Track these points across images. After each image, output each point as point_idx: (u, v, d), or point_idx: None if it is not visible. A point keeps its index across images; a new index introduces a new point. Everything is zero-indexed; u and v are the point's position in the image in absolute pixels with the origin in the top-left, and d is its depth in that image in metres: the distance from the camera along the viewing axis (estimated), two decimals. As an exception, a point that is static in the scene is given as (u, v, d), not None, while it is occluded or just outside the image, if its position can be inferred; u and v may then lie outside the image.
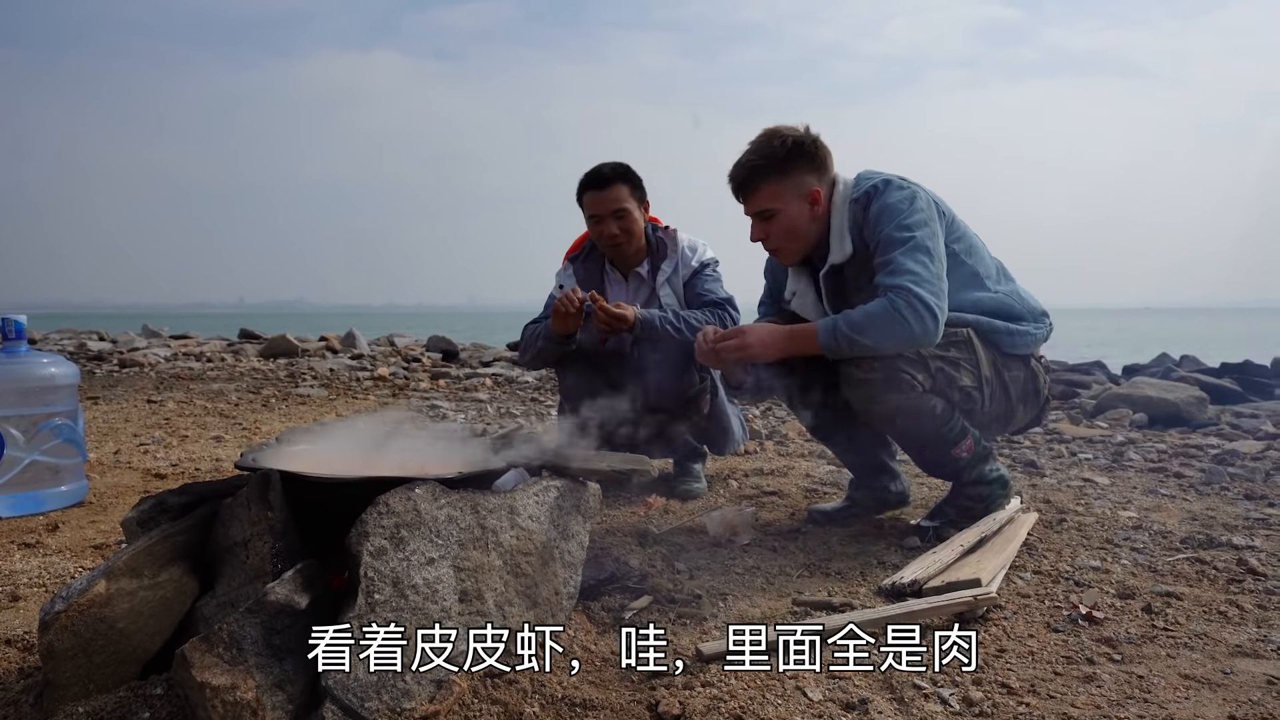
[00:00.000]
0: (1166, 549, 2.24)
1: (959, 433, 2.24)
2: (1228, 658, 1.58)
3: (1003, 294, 2.30)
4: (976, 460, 2.30)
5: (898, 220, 2.13)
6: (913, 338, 2.07)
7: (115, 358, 8.87)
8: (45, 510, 2.64)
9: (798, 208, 2.24)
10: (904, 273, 2.08)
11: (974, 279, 2.26)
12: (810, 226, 2.26)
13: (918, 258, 2.09)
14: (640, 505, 2.73)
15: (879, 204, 2.17)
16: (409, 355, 9.76)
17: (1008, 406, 2.32)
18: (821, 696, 1.41)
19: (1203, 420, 4.54)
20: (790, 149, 2.20)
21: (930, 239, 2.13)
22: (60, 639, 1.30)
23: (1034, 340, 2.32)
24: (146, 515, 1.50)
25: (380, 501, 1.35)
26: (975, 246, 2.29)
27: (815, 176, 2.24)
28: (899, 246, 2.10)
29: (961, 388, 2.21)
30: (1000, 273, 2.35)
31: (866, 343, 2.09)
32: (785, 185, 2.22)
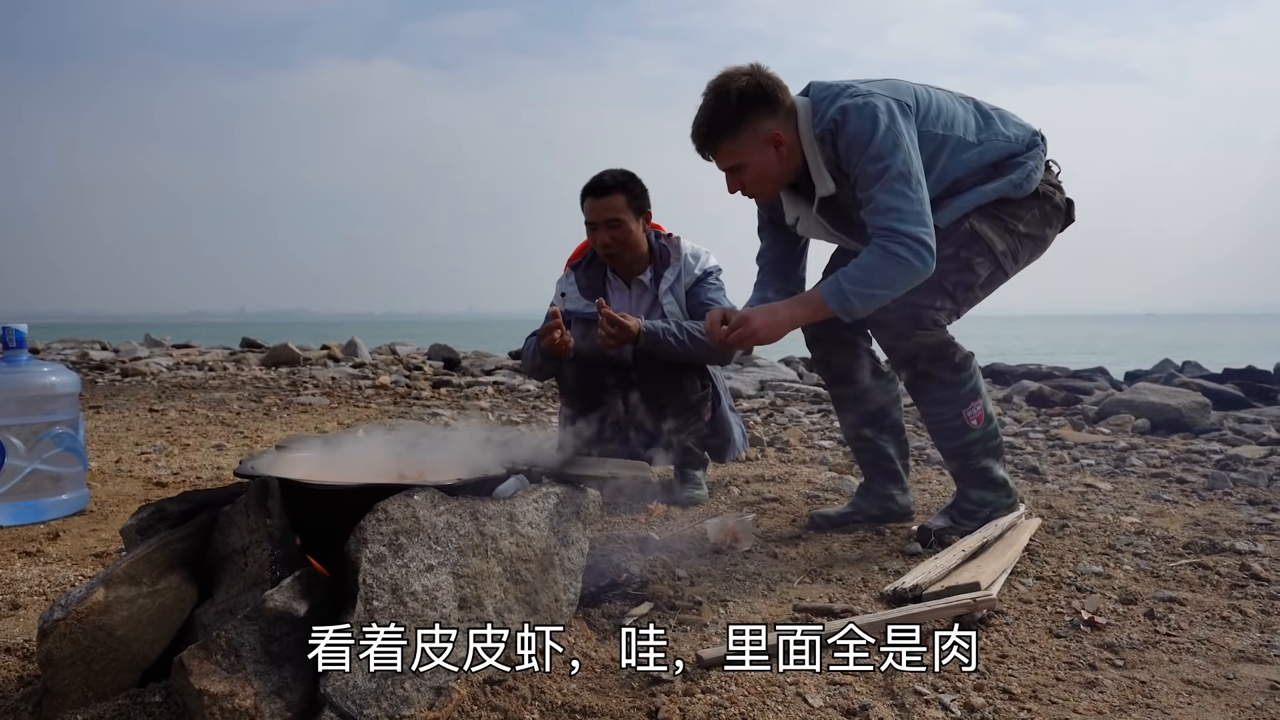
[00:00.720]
0: (1169, 554, 2.23)
1: (972, 390, 2.29)
2: (1231, 663, 1.58)
3: (986, 142, 2.28)
4: (987, 442, 2.31)
5: (867, 151, 2.11)
6: (915, 273, 2.11)
7: (117, 367, 8.88)
8: (46, 519, 2.64)
9: (762, 154, 2.22)
10: (886, 211, 2.09)
11: (959, 145, 2.25)
12: (780, 167, 2.25)
13: (896, 189, 2.09)
14: (641, 512, 2.72)
15: (845, 138, 2.14)
16: (411, 363, 9.76)
17: (1039, 243, 2.36)
18: (822, 702, 1.41)
19: (1205, 426, 4.53)
20: (738, 102, 2.17)
21: (904, 161, 2.11)
22: (59, 647, 1.30)
23: (1034, 172, 2.30)
24: (145, 523, 1.50)
25: (379, 508, 1.35)
26: (948, 111, 2.27)
27: (771, 119, 2.20)
28: (875, 182, 2.10)
29: (984, 280, 2.29)
30: (978, 118, 2.32)
31: (877, 294, 2.12)
32: (742, 138, 2.19)
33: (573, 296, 2.98)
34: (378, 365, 9.67)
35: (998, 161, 2.29)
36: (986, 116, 2.33)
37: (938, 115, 2.24)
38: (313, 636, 1.25)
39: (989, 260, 2.28)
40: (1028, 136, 2.34)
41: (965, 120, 2.29)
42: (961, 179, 2.26)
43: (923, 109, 2.23)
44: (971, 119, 2.31)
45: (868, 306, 2.15)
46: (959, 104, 2.32)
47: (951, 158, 2.25)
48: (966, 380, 2.29)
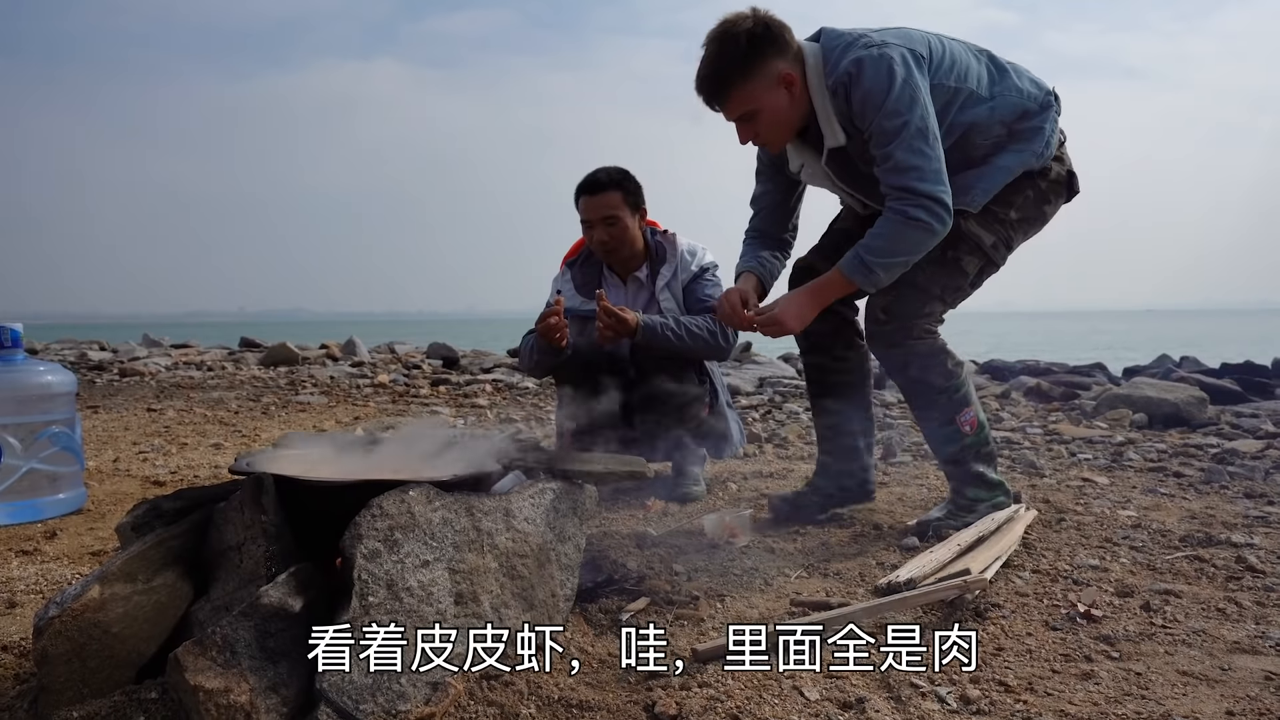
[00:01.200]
0: (1165, 547, 2.24)
1: (963, 397, 2.28)
2: (1226, 654, 1.58)
3: (999, 95, 2.21)
4: (979, 448, 2.31)
5: (884, 107, 2.06)
6: (935, 236, 2.10)
7: (116, 367, 8.87)
8: (43, 518, 2.63)
9: (775, 97, 2.15)
10: (906, 169, 2.05)
11: (971, 99, 2.19)
12: (793, 110, 2.19)
13: (915, 146, 2.05)
14: (639, 508, 2.72)
15: (860, 91, 2.08)
16: (409, 362, 9.76)
17: (1032, 225, 2.32)
18: (819, 696, 1.41)
19: (1202, 420, 4.54)
20: (747, 44, 2.11)
21: (920, 117, 2.06)
22: (54, 644, 1.30)
23: (1052, 137, 2.25)
24: (141, 520, 1.50)
25: (374, 504, 1.35)
26: (960, 63, 2.21)
27: (781, 59, 2.14)
28: (893, 139, 2.06)
29: (975, 276, 2.27)
30: (991, 70, 2.25)
31: (899, 260, 2.11)
32: (755, 81, 2.13)
33: (569, 294, 2.98)
34: (376, 364, 9.66)
35: (1010, 120, 2.21)
36: (1001, 70, 2.26)
37: (951, 66, 2.18)
38: (310, 634, 1.25)
39: (978, 257, 2.26)
40: (1042, 95, 2.26)
41: (979, 73, 2.22)
42: (972, 136, 2.19)
43: (935, 60, 2.16)
44: (985, 71, 2.24)
45: (892, 275, 2.14)
46: (972, 56, 2.25)
47: (962, 110, 2.18)
48: (958, 387, 2.29)
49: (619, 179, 2.85)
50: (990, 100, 2.20)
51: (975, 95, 2.19)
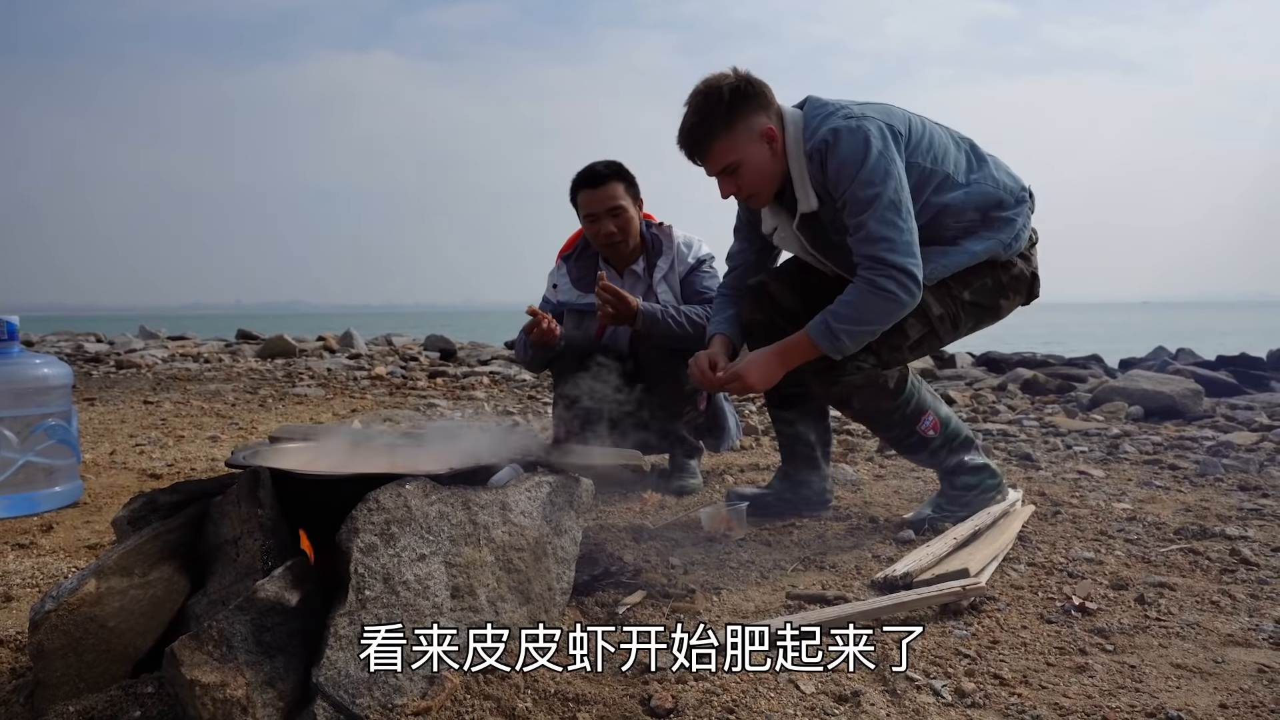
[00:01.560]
0: (1160, 540, 2.24)
1: (916, 408, 2.28)
2: (1219, 647, 1.59)
3: (976, 183, 2.23)
4: (951, 443, 2.32)
5: (858, 177, 2.08)
6: (903, 307, 2.10)
7: (112, 359, 8.86)
8: (39, 511, 2.63)
9: (757, 151, 2.19)
10: (878, 240, 2.07)
11: (945, 182, 2.21)
12: (775, 165, 2.21)
13: (887, 218, 2.07)
14: (635, 501, 2.73)
15: (836, 160, 2.11)
16: (407, 354, 9.75)
17: (985, 311, 2.31)
18: (814, 689, 1.41)
19: (1198, 413, 4.55)
20: (730, 97, 2.15)
21: (894, 190, 2.08)
22: (50, 638, 1.30)
23: (1023, 231, 2.27)
24: (137, 514, 1.49)
25: (370, 498, 1.35)
26: (939, 146, 2.22)
27: (763, 115, 2.18)
28: (867, 208, 2.07)
29: (914, 342, 2.24)
30: (971, 159, 2.28)
31: (866, 329, 2.11)
32: (737, 134, 2.16)
33: (565, 288, 2.97)
34: (374, 356, 9.66)
35: (984, 207, 2.23)
36: (980, 159, 2.30)
37: (929, 148, 2.20)
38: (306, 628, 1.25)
39: (922, 324, 2.22)
40: (1018, 189, 2.29)
41: (956, 158, 2.25)
42: (944, 219, 2.21)
43: (914, 139, 2.19)
44: (963, 158, 2.27)
45: (858, 343, 2.14)
46: (953, 141, 2.28)
47: (937, 192, 2.20)
48: (908, 400, 2.28)
49: (618, 169, 2.85)
50: (966, 186, 2.23)
51: (951, 179, 2.22)
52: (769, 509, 2.51)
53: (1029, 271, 2.35)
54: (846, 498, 2.74)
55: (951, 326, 2.28)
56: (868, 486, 2.91)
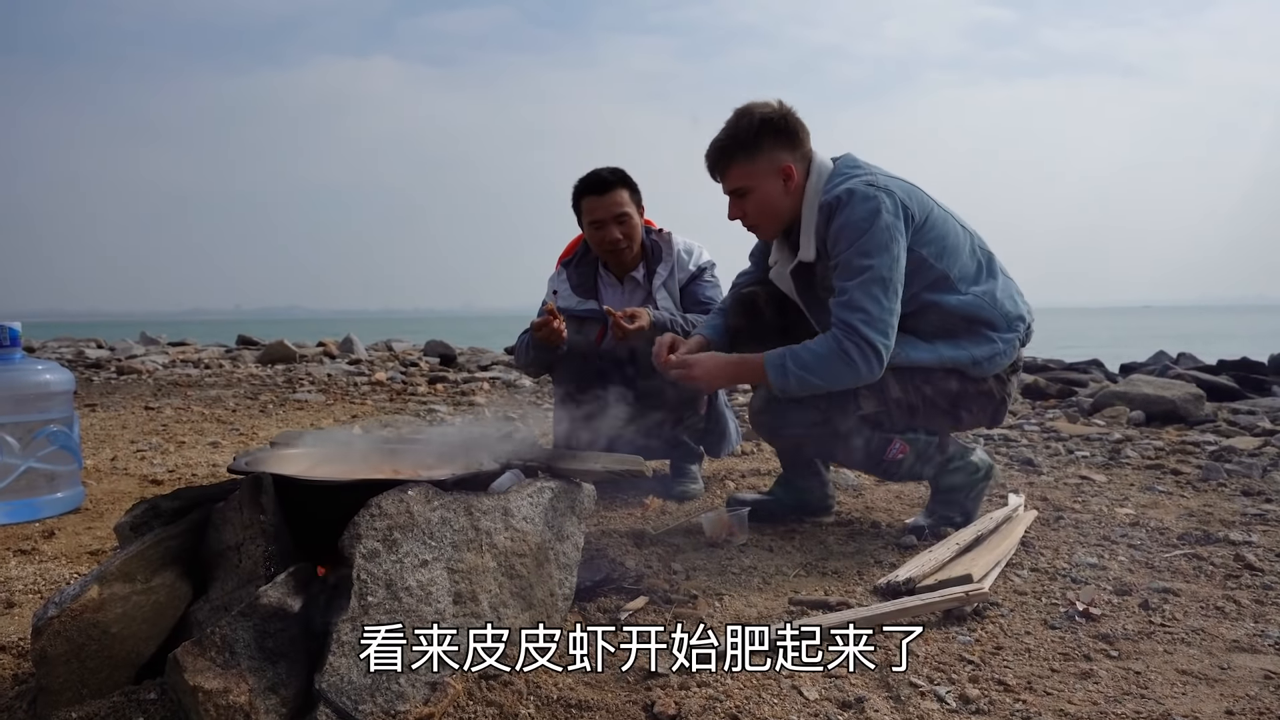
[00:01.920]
0: (1164, 545, 2.24)
1: (879, 443, 2.26)
2: (1225, 653, 1.58)
3: (974, 296, 2.22)
4: (925, 455, 2.30)
5: (858, 244, 2.09)
6: (858, 378, 2.11)
7: (113, 365, 8.86)
8: (41, 517, 2.63)
9: (770, 184, 2.21)
10: (857, 309, 2.08)
11: (942, 282, 2.19)
12: (786, 201, 2.24)
13: (872, 292, 2.08)
14: (637, 507, 2.72)
15: (842, 219, 2.11)
16: (407, 360, 9.75)
17: (942, 414, 2.27)
18: (818, 695, 1.41)
19: (1200, 417, 4.54)
20: (759, 126, 2.18)
21: (888, 267, 2.08)
22: (53, 644, 1.30)
23: (999, 358, 2.25)
24: (139, 520, 1.49)
25: (373, 504, 1.34)
26: (950, 246, 2.21)
27: (787, 152, 2.21)
28: (855, 277, 2.09)
29: (864, 415, 2.22)
30: (983, 270, 2.27)
31: (815, 382, 2.12)
32: (756, 163, 2.20)
33: (565, 294, 2.97)
34: (374, 362, 9.65)
35: (972, 320, 2.22)
36: (991, 274, 2.27)
37: (938, 242, 2.18)
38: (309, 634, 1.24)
39: (876, 400, 2.22)
40: (1014, 317, 2.27)
41: (964, 264, 2.23)
42: (929, 315, 2.20)
43: (927, 228, 2.17)
44: (973, 266, 2.25)
45: (803, 390, 2.14)
46: (969, 249, 2.25)
47: (931, 290, 2.19)
48: (867, 440, 2.26)
49: (623, 176, 2.85)
50: (961, 295, 2.22)
51: (949, 281, 2.20)
52: (771, 514, 2.51)
53: (1000, 394, 2.32)
54: (848, 503, 2.73)
55: (908, 413, 2.25)
56: (869, 491, 2.91)
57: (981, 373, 2.25)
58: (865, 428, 2.24)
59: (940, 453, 2.32)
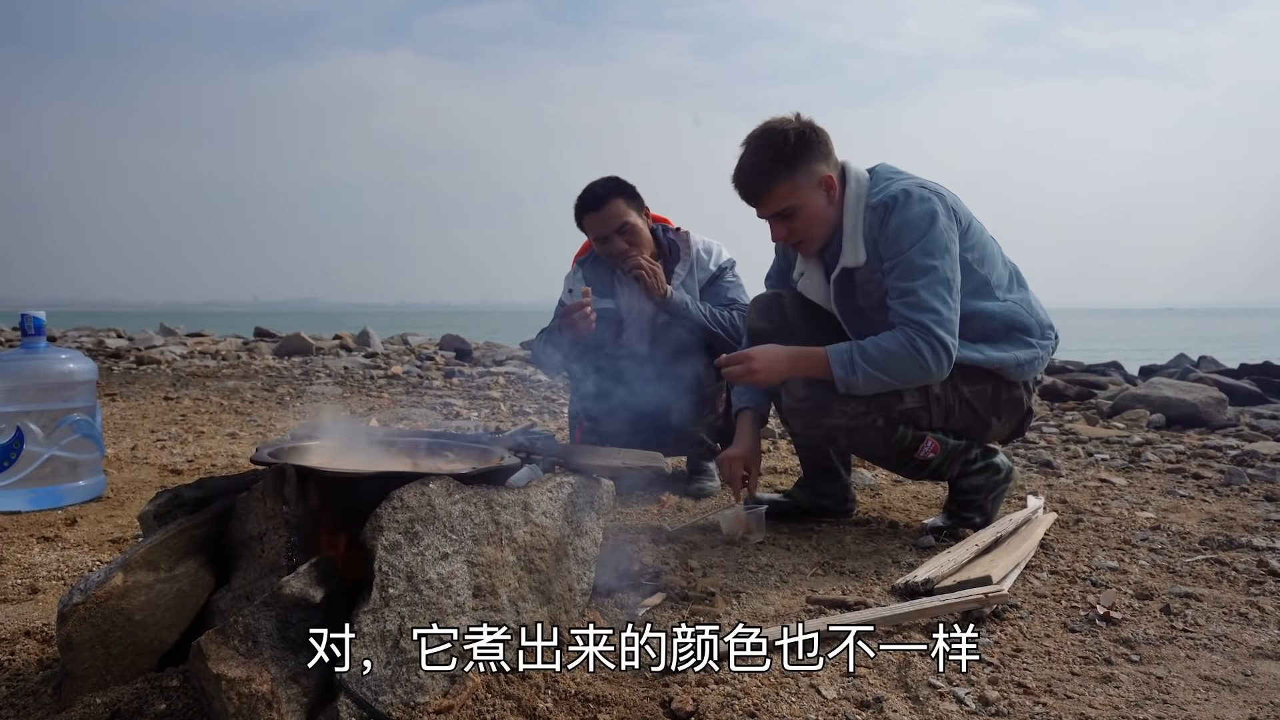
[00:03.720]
0: (1185, 550, 2.22)
1: (913, 440, 2.23)
2: (1248, 659, 1.56)
3: (1012, 303, 2.24)
4: (952, 455, 2.28)
5: (920, 244, 2.08)
6: (928, 377, 2.09)
7: (133, 355, 8.95)
8: (64, 505, 2.66)
9: (815, 198, 2.18)
10: (926, 310, 2.06)
11: (984, 288, 2.21)
12: (830, 213, 2.21)
13: (939, 293, 2.07)
14: (654, 504, 2.72)
15: (900, 219, 2.10)
16: (422, 354, 9.79)
17: (974, 419, 2.27)
18: (836, 695, 1.40)
19: (1221, 421, 4.49)
20: (795, 142, 2.14)
21: (951, 268, 2.09)
22: (78, 630, 1.31)
23: (1039, 362, 2.27)
24: (163, 509, 1.51)
25: (395, 496, 1.35)
26: (989, 254, 2.24)
27: (824, 163, 2.19)
28: (922, 277, 2.07)
29: (904, 410, 2.20)
30: (1014, 279, 2.30)
31: (884, 379, 2.09)
32: (798, 179, 2.15)
33: (580, 293, 2.97)
34: (390, 355, 9.70)
35: (1012, 326, 2.23)
36: (1021, 284, 2.30)
37: (980, 249, 2.20)
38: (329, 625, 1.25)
39: (919, 394, 2.19)
40: (1047, 325, 2.30)
41: (1000, 273, 2.26)
42: (972, 321, 2.19)
43: (970, 235, 2.19)
44: (1007, 275, 2.28)
45: (870, 387, 2.11)
46: (1001, 258, 2.29)
47: (974, 295, 2.19)
48: (903, 437, 2.22)
49: (615, 186, 2.82)
50: (1001, 301, 2.23)
51: (989, 288, 2.22)
52: (788, 516, 2.50)
53: (1026, 405, 2.33)
54: (866, 502, 2.72)
55: (943, 414, 2.24)
56: (886, 491, 2.90)
57: (1021, 376, 2.25)
58: (902, 423, 2.22)
59: (965, 454, 2.31)
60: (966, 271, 2.17)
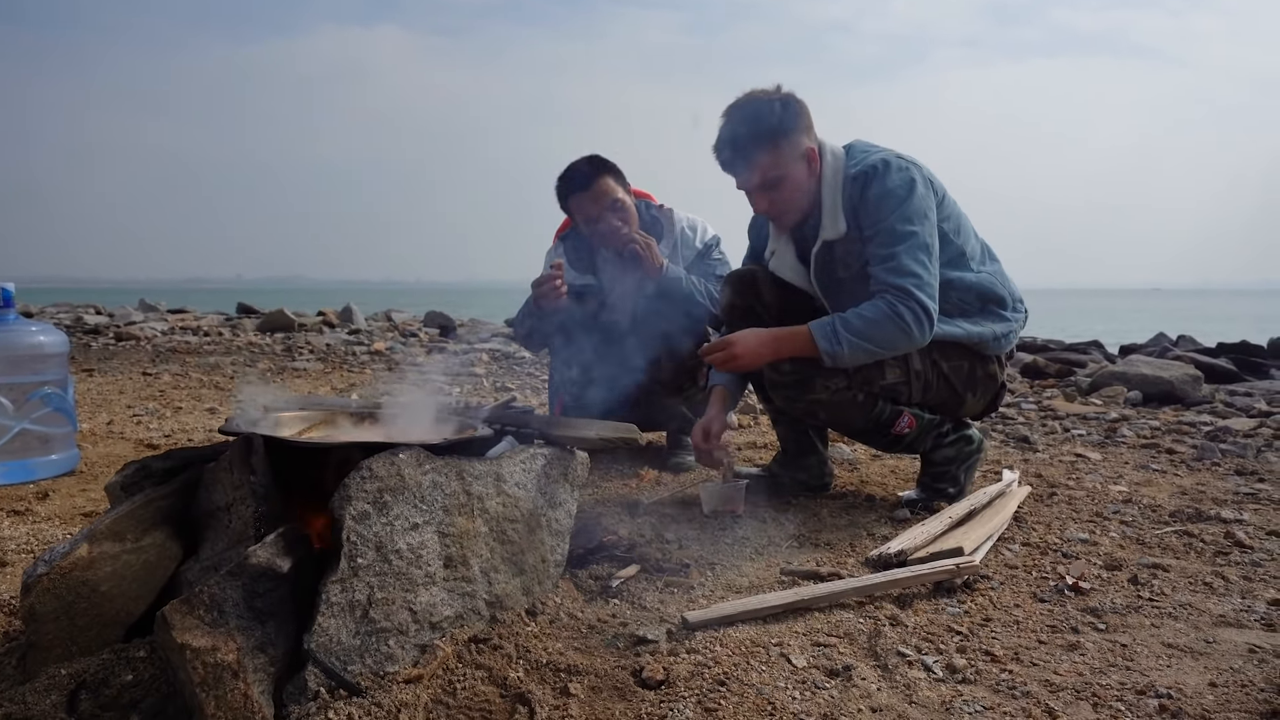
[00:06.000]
0: (1155, 522, 2.24)
1: (890, 414, 2.25)
2: (1211, 627, 1.59)
3: (987, 274, 2.27)
4: (926, 429, 2.30)
5: (900, 210, 2.09)
6: (911, 342, 2.10)
7: (111, 331, 8.85)
8: (35, 479, 2.63)
9: (798, 169, 2.18)
10: (908, 274, 2.06)
11: (960, 259, 2.23)
12: (811, 185, 2.21)
13: (919, 258, 2.08)
14: (632, 477, 2.72)
15: (880, 187, 2.11)
16: (406, 330, 9.74)
17: (950, 394, 2.29)
18: (806, 663, 1.41)
19: (1197, 398, 4.54)
20: (782, 111, 2.14)
21: (930, 234, 2.11)
22: (42, 601, 1.30)
23: (1013, 335, 2.31)
24: (130, 480, 1.49)
25: (364, 466, 1.34)
26: (963, 226, 2.26)
27: (806, 135, 2.19)
28: (902, 242, 2.08)
29: (885, 385, 2.22)
30: (985, 253, 2.32)
31: (869, 348, 2.09)
32: (782, 149, 2.15)
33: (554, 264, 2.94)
34: (373, 332, 9.64)
35: (986, 298, 2.25)
36: (993, 258, 2.33)
37: (955, 220, 2.22)
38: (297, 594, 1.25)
39: (900, 370, 2.21)
40: (1017, 298, 2.33)
41: (973, 243, 2.27)
42: (948, 292, 2.19)
43: (945, 207, 2.20)
44: (979, 248, 2.30)
45: (855, 358, 2.11)
46: (973, 232, 2.30)
47: (949, 266, 2.20)
48: (881, 411, 2.24)
49: (601, 164, 2.77)
50: (975, 272, 2.25)
51: (965, 258, 2.23)
52: (767, 490, 2.51)
53: (1000, 380, 2.36)
54: (843, 476, 2.73)
55: (922, 389, 2.26)
56: (864, 465, 2.91)
57: (998, 349, 2.28)
58: (882, 398, 2.23)
59: (939, 427, 2.32)
60: (944, 241, 2.19)
